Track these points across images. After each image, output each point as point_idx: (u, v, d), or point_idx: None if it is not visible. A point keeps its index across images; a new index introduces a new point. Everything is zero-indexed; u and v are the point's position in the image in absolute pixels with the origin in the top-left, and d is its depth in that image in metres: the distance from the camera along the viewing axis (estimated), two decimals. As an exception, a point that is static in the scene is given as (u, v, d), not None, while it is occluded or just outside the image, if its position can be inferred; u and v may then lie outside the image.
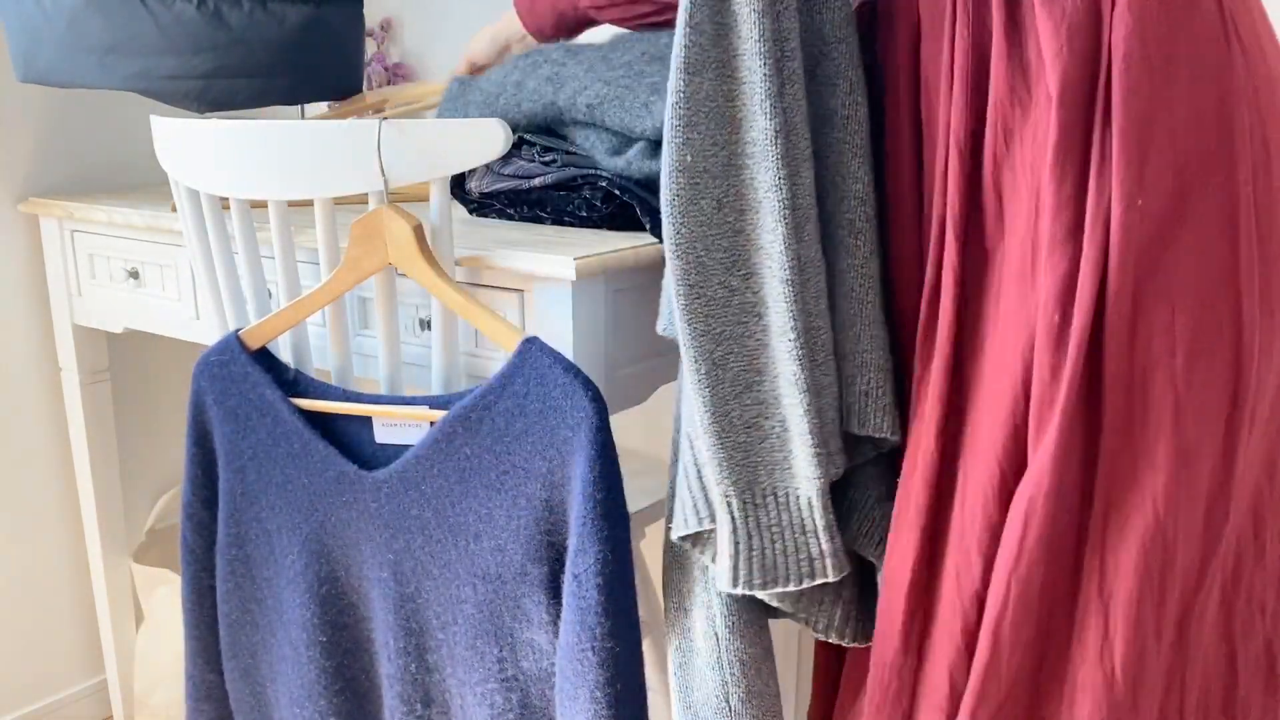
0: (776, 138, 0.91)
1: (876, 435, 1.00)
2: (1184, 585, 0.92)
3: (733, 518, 0.96)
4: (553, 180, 1.26)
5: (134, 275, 1.50)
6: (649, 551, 1.79)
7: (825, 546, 0.97)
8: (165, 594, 1.72)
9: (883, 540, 1.04)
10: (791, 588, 0.98)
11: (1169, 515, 0.89)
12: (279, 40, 1.31)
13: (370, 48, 1.87)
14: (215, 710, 1.27)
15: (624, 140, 1.20)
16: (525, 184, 1.28)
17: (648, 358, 1.22)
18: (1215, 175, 0.88)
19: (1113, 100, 0.87)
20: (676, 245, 0.94)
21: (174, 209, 1.34)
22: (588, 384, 1.01)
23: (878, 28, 1.04)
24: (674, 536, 1.02)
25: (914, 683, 0.99)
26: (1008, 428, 0.92)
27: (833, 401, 0.97)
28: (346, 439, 1.14)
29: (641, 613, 1.44)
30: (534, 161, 1.28)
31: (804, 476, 0.96)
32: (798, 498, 0.97)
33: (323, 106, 1.92)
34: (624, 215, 1.22)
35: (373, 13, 1.90)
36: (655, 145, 1.17)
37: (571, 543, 1.01)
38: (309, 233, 1.26)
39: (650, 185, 1.19)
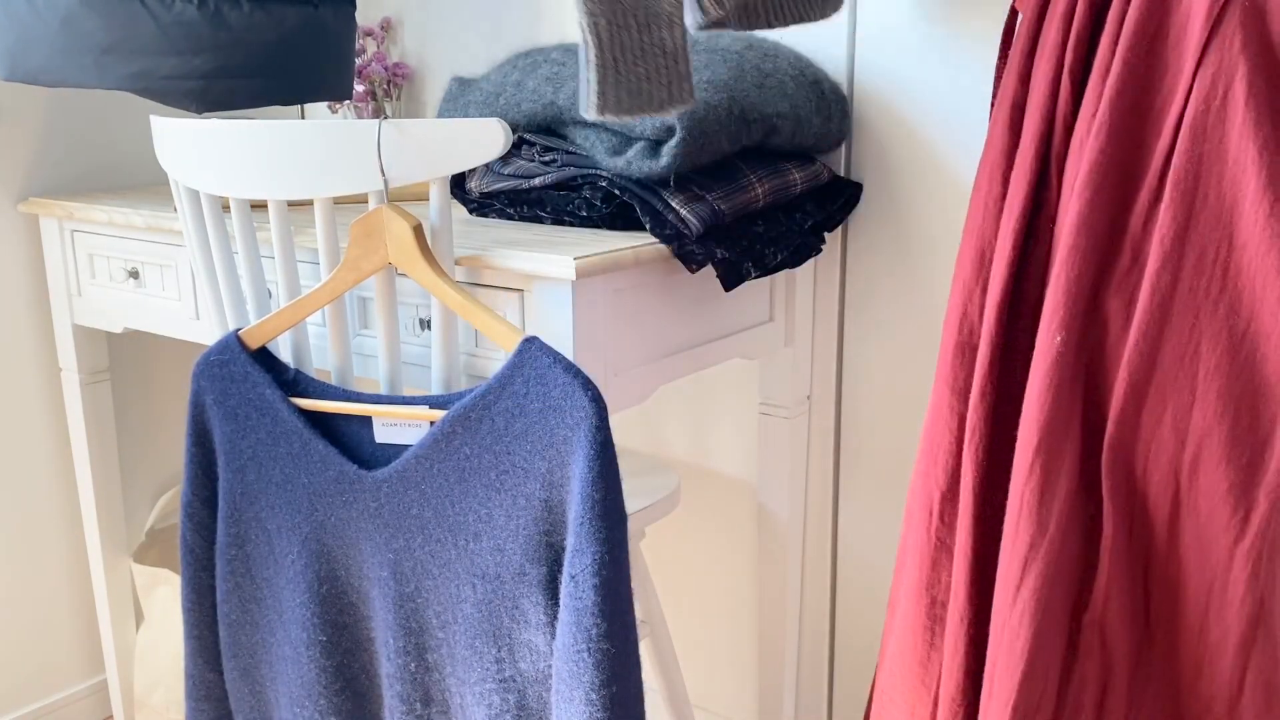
0: None
1: None
2: (1173, 684, 0.87)
3: (599, 39, 0.90)
4: (553, 180, 1.26)
5: (134, 275, 1.50)
6: (648, 551, 1.79)
7: (685, 69, 0.92)
8: (165, 594, 1.72)
9: None
10: (654, 114, 0.94)
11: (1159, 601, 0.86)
12: (278, 41, 1.31)
13: (370, 47, 1.87)
14: (215, 710, 1.27)
15: (624, 140, 1.20)
16: (525, 184, 1.28)
17: (648, 358, 1.22)
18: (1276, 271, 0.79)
19: (1179, 136, 0.80)
20: None
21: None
22: (587, 384, 1.01)
23: None
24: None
25: None
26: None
27: None
28: (346, 439, 1.14)
29: (640, 613, 1.45)
30: (534, 161, 1.28)
31: None
32: (658, 18, 0.91)
33: (322, 107, 1.92)
34: (624, 215, 1.22)
35: (373, 13, 1.90)
36: (655, 145, 1.17)
37: (569, 543, 1.01)
38: (309, 233, 1.26)
39: (650, 185, 1.19)
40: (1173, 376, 0.81)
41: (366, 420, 1.13)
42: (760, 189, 1.26)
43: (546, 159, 1.27)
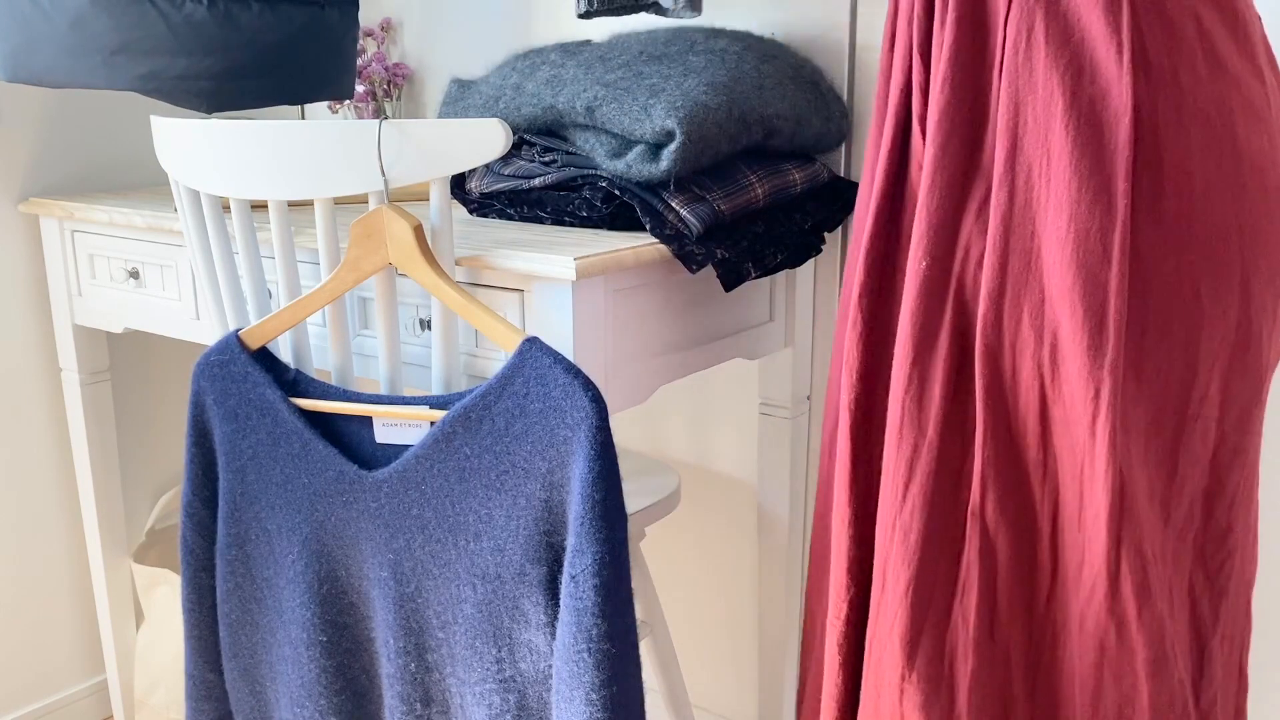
0: None
1: None
2: (1055, 565, 0.97)
3: None
4: (553, 180, 1.26)
5: (134, 275, 1.50)
6: (648, 551, 1.79)
7: None
8: (165, 594, 1.72)
9: None
10: None
11: (1033, 490, 0.95)
12: (286, 41, 1.31)
13: (370, 48, 1.88)
14: (215, 710, 1.27)
15: (624, 142, 1.20)
16: (525, 184, 1.28)
17: (648, 358, 1.22)
18: (1087, 176, 0.91)
19: (1001, 80, 0.93)
20: None
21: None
22: (588, 384, 1.01)
23: None
24: None
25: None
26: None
27: None
28: (346, 439, 1.14)
29: (640, 614, 1.45)
30: (534, 162, 1.28)
31: None
32: None
33: (322, 107, 1.92)
34: (624, 215, 1.22)
35: (373, 13, 1.90)
36: (654, 148, 1.17)
37: (570, 543, 1.01)
38: (309, 233, 1.26)
39: (651, 186, 1.19)
40: (1024, 280, 0.93)
41: (367, 420, 1.13)
42: (760, 189, 1.26)
43: (547, 159, 1.27)
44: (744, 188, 1.25)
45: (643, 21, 1.57)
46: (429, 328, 1.21)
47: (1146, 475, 0.95)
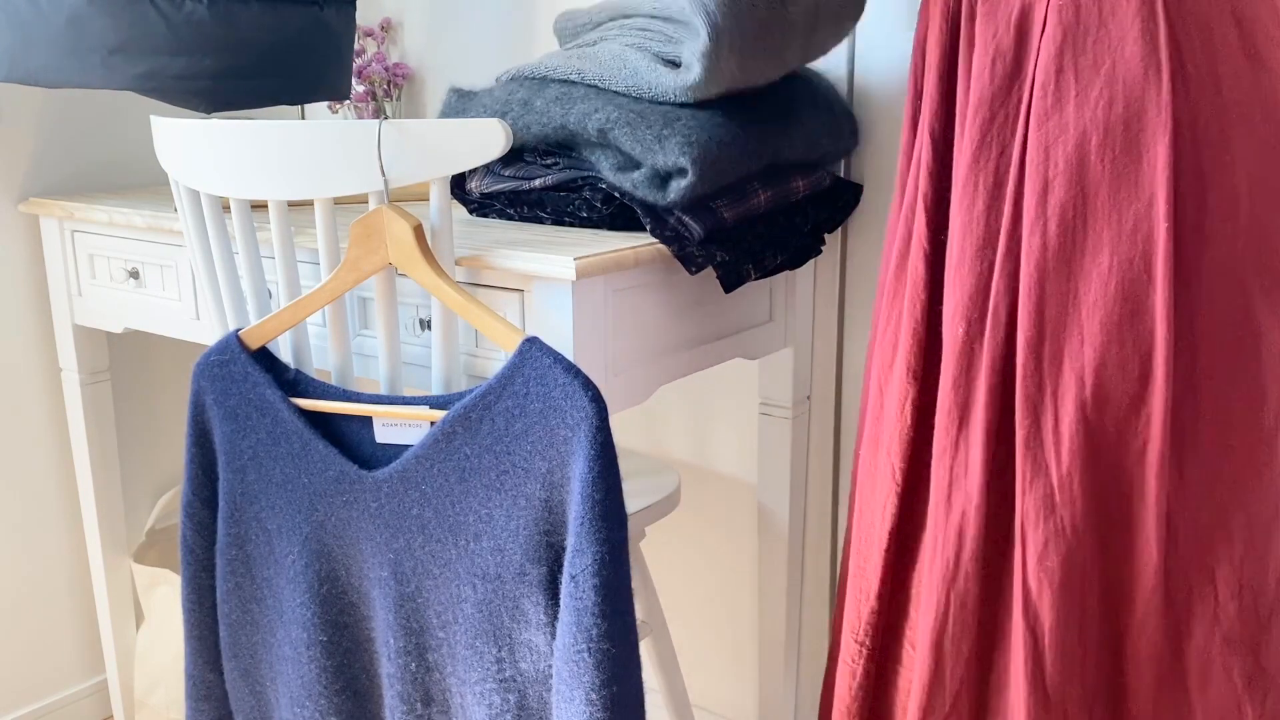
0: None
1: None
2: (1106, 606, 0.93)
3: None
4: (553, 181, 1.25)
5: (134, 275, 1.50)
6: (648, 551, 1.79)
7: None
8: (165, 594, 1.72)
9: None
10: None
11: (1079, 536, 0.91)
12: (285, 42, 1.31)
13: (370, 48, 1.88)
14: (215, 710, 1.27)
15: (633, 162, 1.18)
16: (526, 184, 1.28)
17: (648, 358, 1.22)
18: (1125, 204, 0.88)
19: (1029, 127, 0.90)
20: None
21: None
22: (588, 384, 1.01)
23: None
24: None
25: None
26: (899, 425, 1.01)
27: None
28: (346, 439, 1.14)
29: (640, 613, 1.45)
30: (535, 164, 1.28)
31: None
32: None
33: (322, 107, 1.92)
34: (624, 215, 1.22)
35: (373, 13, 1.90)
36: (663, 178, 1.16)
37: (569, 543, 1.01)
38: (309, 233, 1.26)
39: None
40: (1060, 325, 0.90)
41: (367, 420, 1.13)
42: (763, 196, 1.26)
43: (548, 162, 1.27)
44: (747, 196, 1.24)
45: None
46: (429, 328, 1.21)
47: (1217, 496, 0.92)
